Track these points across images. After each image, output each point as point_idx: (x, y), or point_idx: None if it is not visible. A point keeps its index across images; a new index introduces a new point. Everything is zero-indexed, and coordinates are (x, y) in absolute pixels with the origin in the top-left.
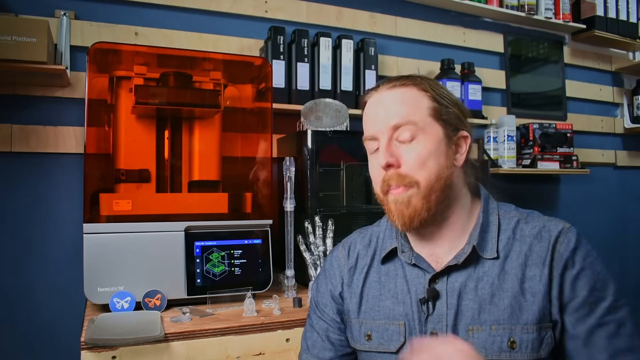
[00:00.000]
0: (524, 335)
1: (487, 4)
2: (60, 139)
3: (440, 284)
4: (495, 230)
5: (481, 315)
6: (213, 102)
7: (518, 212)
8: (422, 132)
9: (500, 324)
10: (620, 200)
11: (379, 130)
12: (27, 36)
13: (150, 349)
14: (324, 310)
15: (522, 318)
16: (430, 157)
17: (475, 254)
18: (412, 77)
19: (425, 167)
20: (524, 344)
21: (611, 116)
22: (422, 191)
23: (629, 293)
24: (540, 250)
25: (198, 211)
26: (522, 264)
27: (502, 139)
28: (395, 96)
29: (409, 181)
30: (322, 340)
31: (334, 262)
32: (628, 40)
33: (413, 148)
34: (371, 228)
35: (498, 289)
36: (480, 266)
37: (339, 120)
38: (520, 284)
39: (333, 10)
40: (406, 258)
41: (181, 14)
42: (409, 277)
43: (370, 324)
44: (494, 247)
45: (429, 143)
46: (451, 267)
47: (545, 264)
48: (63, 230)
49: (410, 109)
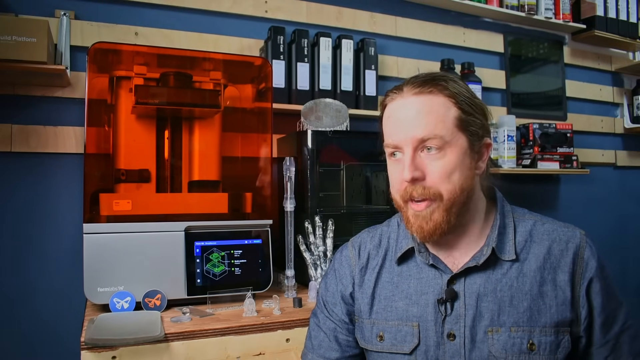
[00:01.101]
0: (543, 337)
1: (487, 4)
2: (60, 139)
3: (458, 285)
4: (512, 232)
5: (500, 317)
6: (213, 102)
7: (532, 215)
8: (448, 145)
9: (520, 325)
10: (620, 200)
11: (404, 140)
12: (27, 36)
13: (150, 349)
14: (332, 310)
15: (540, 320)
16: (455, 171)
17: (494, 255)
18: (439, 79)
19: (450, 180)
20: (542, 346)
21: (611, 116)
22: (445, 204)
23: (629, 293)
24: (559, 254)
25: (198, 211)
26: (540, 267)
27: (502, 139)
28: (422, 104)
29: (432, 193)
30: (329, 341)
31: (344, 262)
32: (628, 40)
33: (438, 161)
34: (380, 227)
35: (517, 291)
36: (498, 268)
37: (339, 120)
38: (539, 286)
39: (333, 10)
40: (423, 258)
41: (181, 14)
42: (425, 278)
43: (382, 324)
44: (512, 248)
45: (455, 156)
46: (469, 268)
47: (565, 270)
48: (63, 230)
49: (436, 120)
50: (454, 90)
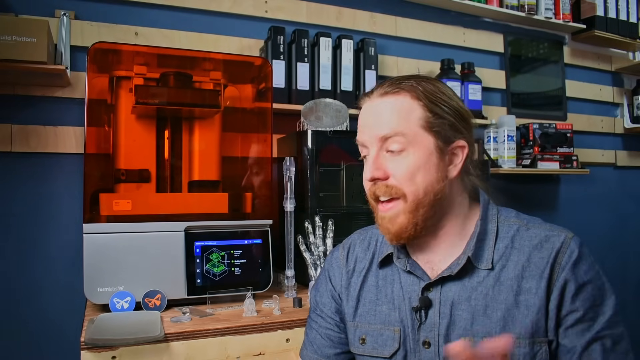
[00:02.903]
0: (517, 349)
1: (487, 4)
2: (60, 139)
3: (434, 292)
4: (493, 239)
5: (474, 326)
6: (213, 102)
7: (519, 218)
8: (411, 144)
9: (492, 335)
10: (620, 200)
11: (368, 140)
12: (27, 36)
13: (150, 349)
14: (323, 310)
15: (515, 331)
16: (419, 171)
17: (471, 264)
18: (408, 81)
19: (413, 181)
20: (516, 357)
21: (611, 116)
22: (409, 206)
23: (629, 293)
24: (539, 261)
25: (198, 211)
26: (518, 275)
27: (502, 139)
28: (386, 105)
29: (395, 192)
30: (322, 338)
31: (334, 264)
32: (628, 40)
33: (401, 160)
34: (371, 229)
35: (492, 300)
36: (475, 276)
37: (339, 120)
38: (515, 296)
39: (333, 10)
40: (401, 265)
41: (181, 14)
42: (404, 283)
43: (365, 327)
44: (490, 257)
45: (418, 156)
46: (445, 276)
47: (543, 276)
48: (63, 230)
49: (400, 119)
50: (423, 91)
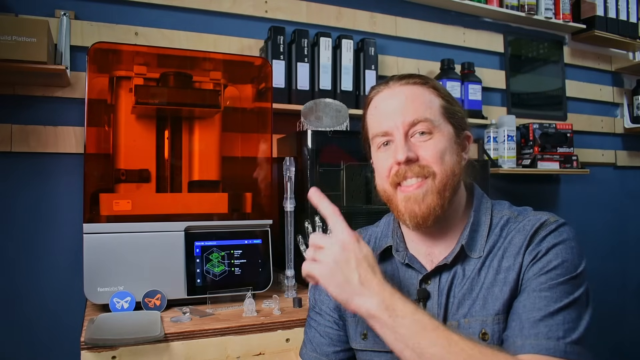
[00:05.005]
0: (496, 326)
1: (487, 4)
2: (60, 139)
3: (432, 284)
4: (486, 230)
5: (459, 309)
6: (213, 102)
7: (510, 210)
8: (436, 129)
9: (473, 316)
10: (620, 200)
11: (394, 125)
12: (27, 36)
13: (150, 349)
14: (321, 308)
15: (494, 308)
16: (447, 153)
17: (464, 253)
18: (419, 76)
19: (443, 161)
20: (496, 334)
21: (611, 116)
22: (437, 186)
23: (629, 293)
24: (518, 241)
25: (198, 211)
26: (500, 256)
27: (502, 139)
28: (410, 92)
29: (427, 171)
30: (321, 336)
31: None
32: (628, 40)
33: (430, 143)
34: (370, 229)
35: (475, 283)
36: (466, 264)
37: (339, 120)
38: (495, 275)
39: (333, 10)
40: (400, 257)
41: (181, 14)
42: (403, 277)
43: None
44: (482, 246)
45: (444, 140)
46: (441, 266)
47: (520, 252)
48: (63, 230)
49: (425, 106)
50: (435, 85)
